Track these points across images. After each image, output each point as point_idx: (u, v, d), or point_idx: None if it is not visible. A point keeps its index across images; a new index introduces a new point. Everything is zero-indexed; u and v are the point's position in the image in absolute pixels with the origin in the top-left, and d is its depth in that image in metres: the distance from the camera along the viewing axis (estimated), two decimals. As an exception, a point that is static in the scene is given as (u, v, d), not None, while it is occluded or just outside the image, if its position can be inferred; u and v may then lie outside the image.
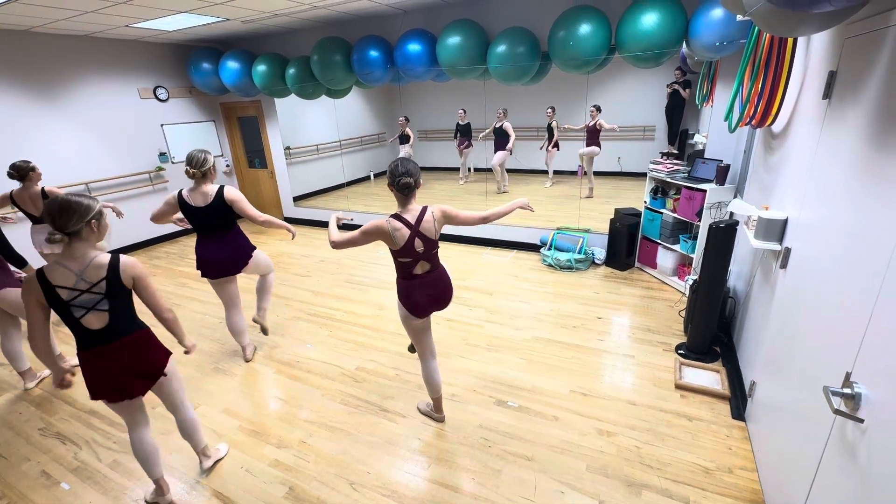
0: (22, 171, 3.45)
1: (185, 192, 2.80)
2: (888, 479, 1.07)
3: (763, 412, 2.18)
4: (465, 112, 7.93)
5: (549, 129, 7.25)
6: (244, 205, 2.88)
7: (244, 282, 3.32)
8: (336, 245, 2.13)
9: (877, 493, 1.12)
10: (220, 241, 2.94)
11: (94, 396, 1.85)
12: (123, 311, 1.80)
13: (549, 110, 7.13)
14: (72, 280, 1.67)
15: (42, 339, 1.72)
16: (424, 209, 2.10)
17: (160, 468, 2.12)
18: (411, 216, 2.07)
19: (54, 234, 1.63)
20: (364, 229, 2.07)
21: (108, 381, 1.84)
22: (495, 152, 7.32)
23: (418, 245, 2.09)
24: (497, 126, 7.19)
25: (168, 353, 2.02)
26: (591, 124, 6.49)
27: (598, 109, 6.44)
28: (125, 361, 1.84)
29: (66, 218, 1.63)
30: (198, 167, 2.75)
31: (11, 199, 3.53)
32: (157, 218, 2.86)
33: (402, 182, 2.02)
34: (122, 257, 1.77)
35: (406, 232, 2.05)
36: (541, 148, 7.55)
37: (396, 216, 2.07)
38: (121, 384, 1.86)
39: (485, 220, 2.20)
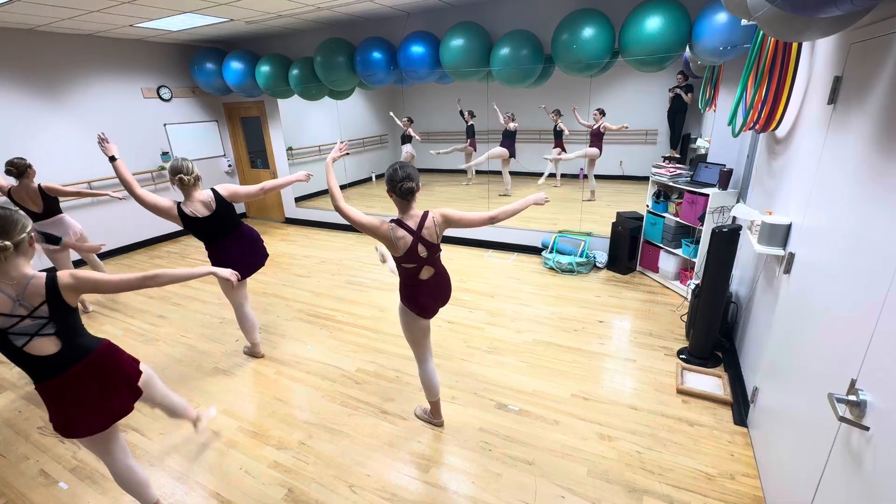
0: (20, 168, 3.52)
1: (186, 209, 2.69)
2: (894, 488, 1.06)
3: (766, 418, 2.16)
4: (470, 114, 7.99)
5: (556, 132, 7.27)
6: (242, 191, 2.84)
7: (252, 285, 3.31)
8: (341, 211, 2.04)
9: (883, 503, 1.10)
10: (236, 241, 2.92)
11: (68, 434, 1.65)
12: (73, 328, 1.61)
13: (553, 114, 7.15)
14: (8, 306, 1.46)
15: None
16: (426, 214, 2.05)
17: (153, 493, 1.99)
18: (413, 222, 2.03)
19: (4, 245, 1.45)
20: (367, 222, 2.01)
21: (82, 413, 1.64)
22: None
23: (422, 251, 2.06)
24: (505, 129, 7.27)
25: (136, 361, 1.84)
26: (595, 127, 6.49)
27: (602, 113, 6.43)
28: (95, 387, 1.65)
29: (10, 227, 1.48)
30: (191, 174, 2.68)
31: (10, 195, 3.57)
32: (151, 206, 2.60)
33: (405, 187, 1.96)
34: (58, 274, 1.56)
35: (409, 238, 2.01)
36: (548, 158, 7.57)
37: (399, 222, 2.03)
38: (98, 412, 1.67)
39: (493, 221, 2.06)
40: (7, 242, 1.45)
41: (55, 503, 2.19)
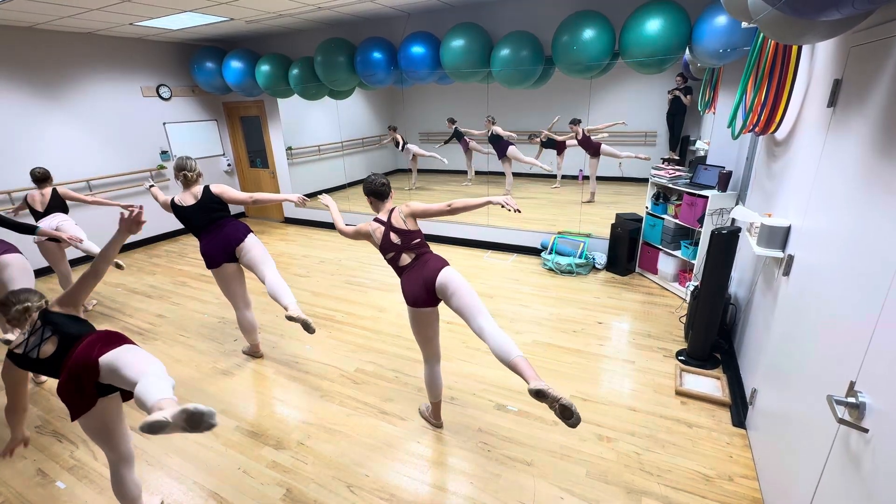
0: (46, 176, 3.90)
1: (176, 198, 2.99)
2: (893, 490, 1.06)
3: (764, 420, 2.17)
4: (451, 121, 8.01)
5: (544, 144, 7.33)
6: (231, 193, 3.05)
7: (252, 284, 3.30)
8: (342, 232, 2.53)
9: (881, 504, 1.11)
10: (214, 234, 3.01)
11: (73, 417, 1.77)
12: (66, 327, 1.80)
13: (529, 139, 7.23)
14: (22, 338, 1.79)
15: (19, 408, 1.87)
16: (393, 209, 2.38)
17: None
18: (384, 215, 2.37)
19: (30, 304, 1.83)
20: (354, 229, 2.44)
21: (74, 394, 1.73)
22: (499, 157, 7.34)
23: (394, 238, 2.31)
24: (489, 134, 7.23)
25: (97, 352, 1.73)
26: (579, 138, 6.50)
27: (577, 122, 6.45)
28: (75, 370, 1.73)
29: (37, 294, 1.90)
30: (194, 171, 2.97)
31: (25, 200, 3.89)
32: (160, 202, 3.08)
33: (383, 190, 2.37)
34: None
35: (382, 229, 2.33)
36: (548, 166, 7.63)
37: (375, 219, 2.39)
38: (81, 391, 1.74)
39: (451, 207, 2.29)
40: (35, 302, 1.86)
41: (53, 503, 2.18)
